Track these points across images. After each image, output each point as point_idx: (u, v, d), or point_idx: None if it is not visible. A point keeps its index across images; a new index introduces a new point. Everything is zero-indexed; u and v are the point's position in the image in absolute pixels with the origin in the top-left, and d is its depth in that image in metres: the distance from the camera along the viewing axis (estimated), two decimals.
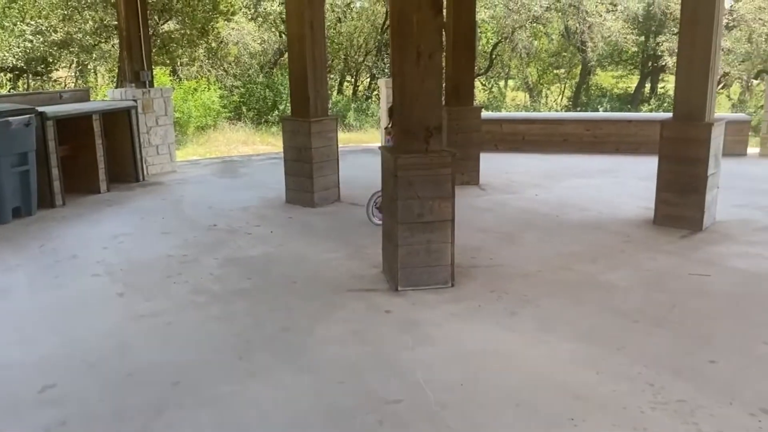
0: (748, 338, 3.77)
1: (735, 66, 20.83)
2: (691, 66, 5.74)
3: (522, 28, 21.00)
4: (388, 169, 4.62)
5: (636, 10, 20.65)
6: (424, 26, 4.31)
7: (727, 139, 9.52)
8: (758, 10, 20.13)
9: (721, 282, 4.69)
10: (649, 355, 3.58)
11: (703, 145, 5.74)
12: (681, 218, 5.92)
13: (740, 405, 3.04)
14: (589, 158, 9.87)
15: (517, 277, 4.86)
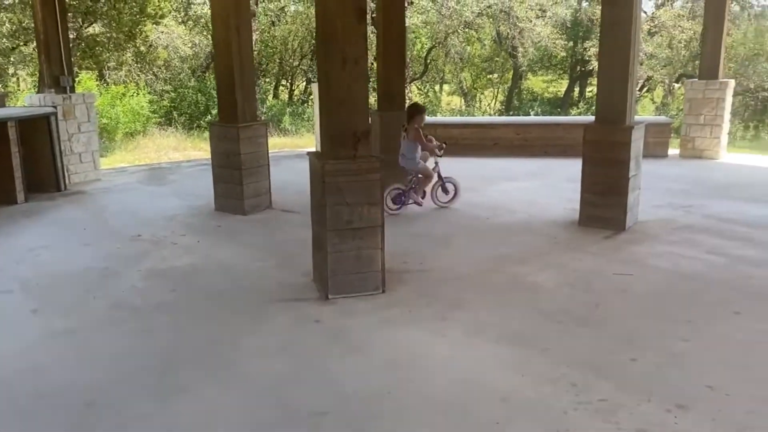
0: (667, 335, 3.89)
1: (658, 70, 21.75)
2: (612, 71, 5.92)
3: (455, 34, 21.30)
4: (316, 174, 4.56)
5: (564, 16, 21.27)
6: (349, 32, 4.28)
7: (650, 141, 9.93)
8: (677, 18, 21.10)
9: (642, 281, 4.83)
10: (572, 355, 3.64)
11: (624, 147, 5.92)
12: (605, 219, 6.09)
13: (658, 401, 3.13)
14: (519, 161, 10.07)
15: (448, 281, 4.88)
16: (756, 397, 3.16)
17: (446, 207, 7.17)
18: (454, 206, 7.18)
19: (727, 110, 9.97)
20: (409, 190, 7.02)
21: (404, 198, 6.98)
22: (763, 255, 5.35)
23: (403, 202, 6.98)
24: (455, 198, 7.24)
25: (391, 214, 6.71)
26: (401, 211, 6.95)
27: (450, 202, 7.23)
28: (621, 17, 5.82)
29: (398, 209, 6.95)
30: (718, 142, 9.96)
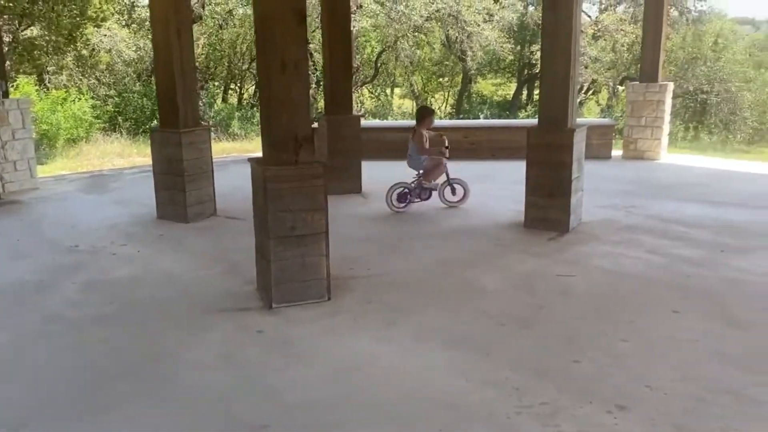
0: (609, 336, 3.94)
1: (602, 73, 22.29)
2: (553, 75, 6.00)
3: (404, 38, 21.37)
4: (257, 181, 4.47)
5: (511, 21, 21.58)
6: (288, 35, 4.21)
7: (594, 143, 10.13)
8: (620, 22, 21.66)
9: (585, 282, 4.90)
10: (516, 358, 3.65)
11: (566, 150, 6.00)
12: (549, 221, 6.17)
13: (599, 403, 3.16)
14: (467, 164, 10.08)
15: (395, 286, 4.85)
16: (694, 396, 3.22)
17: (455, 206, 7.27)
18: (397, 212, 7.17)
19: (666, 112, 10.26)
20: (413, 189, 7.16)
21: (410, 196, 7.15)
22: (700, 254, 5.49)
23: (408, 200, 7.16)
24: (464, 199, 7.33)
25: (397, 211, 7.09)
26: (407, 209, 7.15)
27: (459, 203, 7.32)
28: (561, 22, 5.90)
29: (404, 207, 7.15)
30: (658, 143, 10.24)
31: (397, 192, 7.16)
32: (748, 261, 5.28)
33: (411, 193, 7.17)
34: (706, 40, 22.97)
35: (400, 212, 7.11)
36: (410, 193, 7.17)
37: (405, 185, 7.19)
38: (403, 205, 7.16)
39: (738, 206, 7.15)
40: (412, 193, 7.17)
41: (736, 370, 3.47)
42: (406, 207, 7.17)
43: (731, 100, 21.58)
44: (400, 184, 7.19)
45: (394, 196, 7.15)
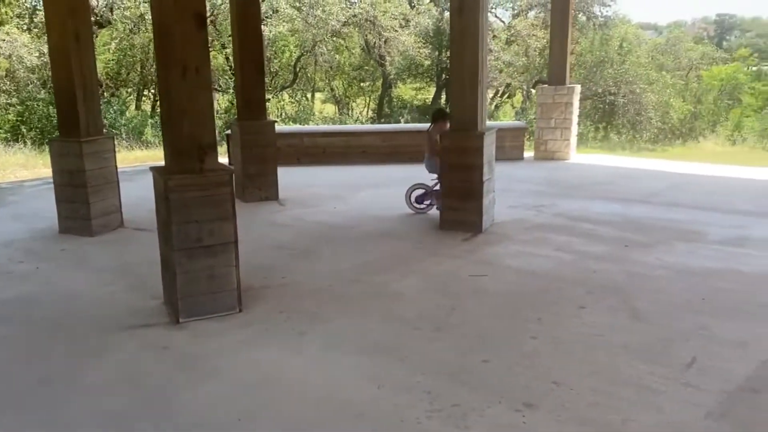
0: (519, 334, 4.00)
1: (516, 77, 22.97)
2: (462, 79, 6.09)
3: (323, 42, 21.30)
4: (160, 191, 4.29)
5: (427, 26, 21.90)
6: (188, 39, 4.06)
7: (507, 145, 10.40)
8: (531, 27, 22.40)
9: (497, 281, 4.97)
10: (428, 362, 3.65)
11: (477, 153, 6.10)
12: (463, 222, 6.25)
13: (508, 402, 3.19)
14: (386, 168, 10.18)
15: (309, 294, 4.77)
16: (598, 390, 3.30)
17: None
18: (319, 216, 7.09)
19: (575, 114, 10.64)
20: (433, 191, 7.01)
21: (430, 198, 7.07)
22: (605, 250, 5.70)
23: (429, 203, 7.10)
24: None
25: (416, 212, 7.14)
26: (428, 211, 7.10)
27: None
28: (468, 27, 6.00)
29: (423, 209, 7.13)
30: (568, 143, 10.61)
31: (416, 193, 7.14)
32: (650, 255, 5.52)
33: (430, 194, 7.05)
34: (612, 44, 24.05)
35: (421, 213, 7.10)
36: (428, 194, 7.07)
37: (425, 186, 7.10)
38: (423, 206, 7.13)
39: (642, 203, 7.49)
40: (431, 195, 7.04)
41: (637, 361, 3.59)
42: (425, 209, 7.13)
43: (637, 101, 22.69)
44: (420, 185, 7.13)
45: (414, 196, 7.14)
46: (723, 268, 5.14)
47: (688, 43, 34.59)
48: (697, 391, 3.26)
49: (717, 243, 5.86)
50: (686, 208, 7.11)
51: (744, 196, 7.83)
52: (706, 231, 6.26)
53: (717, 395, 3.20)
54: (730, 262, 5.31)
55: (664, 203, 7.46)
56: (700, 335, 3.91)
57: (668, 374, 3.43)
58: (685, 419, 3.02)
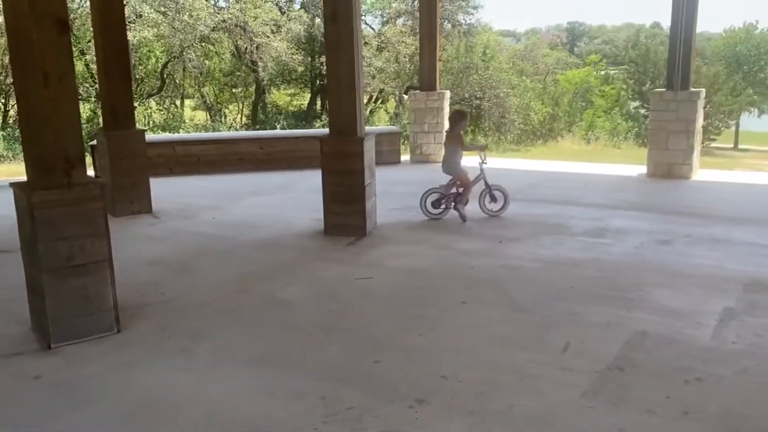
0: (406, 333, 4.11)
1: (388, 83, 23.49)
2: (339, 86, 6.16)
3: (191, 48, 20.63)
4: (23, 209, 3.97)
5: (299, 32, 21.86)
6: (49, 45, 3.80)
7: (384, 149, 10.61)
8: (401, 34, 23.01)
9: (383, 282, 5.08)
10: (320, 367, 3.66)
11: (357, 158, 6.20)
12: (347, 226, 6.32)
13: (400, 399, 3.27)
14: (264, 176, 10.05)
15: (192, 308, 4.61)
16: (483, 380, 3.47)
17: (496, 216, 7.01)
18: (197, 228, 6.87)
19: (446, 118, 11.06)
20: (449, 196, 6.92)
21: (446, 203, 6.94)
22: (479, 245, 5.99)
23: (445, 207, 6.95)
24: (505, 207, 7.05)
25: (433, 218, 6.96)
26: (443, 216, 6.97)
27: (500, 211, 7.04)
28: (343, 34, 6.08)
29: (439, 214, 6.97)
30: (440, 146, 11.00)
31: (431, 198, 6.99)
32: (522, 249, 5.87)
33: (446, 199, 6.95)
34: (476, 51, 25.28)
35: (435, 219, 6.95)
36: (443, 199, 6.96)
37: (439, 191, 6.99)
38: (439, 211, 6.98)
39: (511, 200, 7.92)
40: (446, 199, 6.95)
41: (518, 350, 3.81)
42: (441, 213, 6.99)
43: (501, 104, 24.01)
44: (435, 190, 7.01)
45: (429, 202, 6.98)
46: (586, 258, 5.58)
47: (544, 49, 37.10)
48: (573, 373, 3.51)
49: (580, 235, 6.34)
50: (550, 204, 7.62)
51: (599, 191, 8.52)
52: (569, 224, 6.75)
53: (589, 375, 3.47)
54: (592, 251, 5.77)
55: (531, 200, 7.95)
56: (571, 321, 4.22)
57: (546, 360, 3.67)
58: (564, 400, 3.24)
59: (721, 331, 4.02)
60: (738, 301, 4.50)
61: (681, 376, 3.44)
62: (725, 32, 41.66)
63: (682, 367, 3.54)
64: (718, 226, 6.51)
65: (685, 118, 9.01)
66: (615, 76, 38.31)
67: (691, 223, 6.63)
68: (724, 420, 3.01)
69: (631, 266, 5.34)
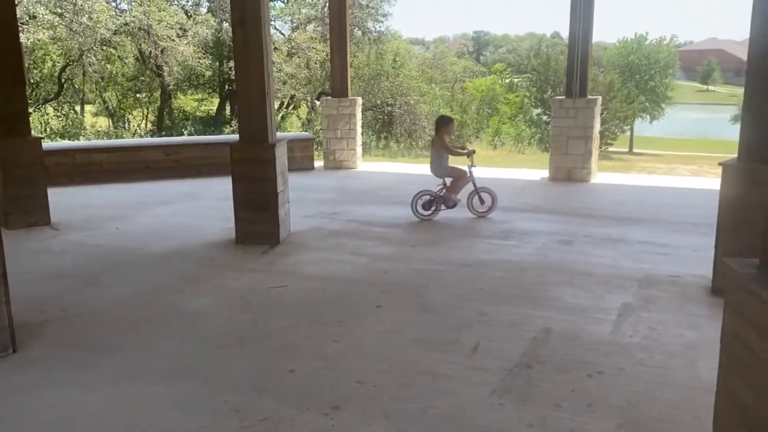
0: (321, 340, 4.11)
1: (299, 89, 23.36)
2: (249, 92, 6.08)
3: (91, 51, 19.72)
4: None
5: (206, 36, 21.37)
6: None
7: (297, 156, 10.56)
8: (311, 40, 22.95)
9: (297, 290, 5.05)
10: (233, 379, 3.59)
11: (269, 164, 6.13)
12: (260, 235, 6.24)
13: (316, 407, 3.27)
14: (172, 184, 9.75)
15: (97, 324, 4.41)
16: (397, 383, 3.52)
17: (483, 216, 7.27)
18: (101, 239, 6.58)
19: (358, 124, 11.16)
20: (440, 197, 7.18)
21: (435, 204, 7.20)
22: (394, 250, 6.07)
23: (435, 209, 7.21)
24: (492, 208, 7.30)
25: (423, 219, 7.20)
26: (434, 217, 7.22)
27: (488, 212, 7.29)
28: (252, 39, 6.00)
29: (430, 215, 7.22)
30: (354, 153, 11.08)
31: (422, 200, 7.23)
32: (434, 253, 5.99)
33: (436, 200, 7.17)
34: (386, 58, 25.61)
35: (426, 220, 7.19)
36: (436, 201, 7.18)
37: (430, 193, 7.23)
38: (429, 213, 7.21)
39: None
40: (437, 201, 7.17)
41: (431, 352, 3.89)
42: (432, 215, 7.21)
43: (411, 111, 24.43)
44: (426, 192, 7.23)
45: (420, 203, 7.21)
46: (494, 259, 5.77)
47: (451, 57, 38.09)
48: (483, 372, 3.62)
49: (488, 237, 6.55)
50: (460, 208, 7.83)
51: (505, 195, 8.79)
52: (478, 227, 6.96)
53: (498, 374, 3.60)
54: (499, 253, 5.97)
55: None
56: (480, 321, 4.35)
57: (457, 360, 3.77)
58: (475, 399, 3.34)
59: (619, 326, 4.26)
60: (634, 296, 4.80)
61: (584, 370, 3.63)
62: (619, 42, 44.33)
63: (585, 361, 3.74)
64: (615, 226, 6.91)
65: (583, 125, 9.50)
66: (519, 84, 39.90)
67: (590, 224, 7.00)
68: (624, 411, 3.20)
69: (535, 266, 5.58)
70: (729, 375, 2.35)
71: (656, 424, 3.07)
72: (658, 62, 40.98)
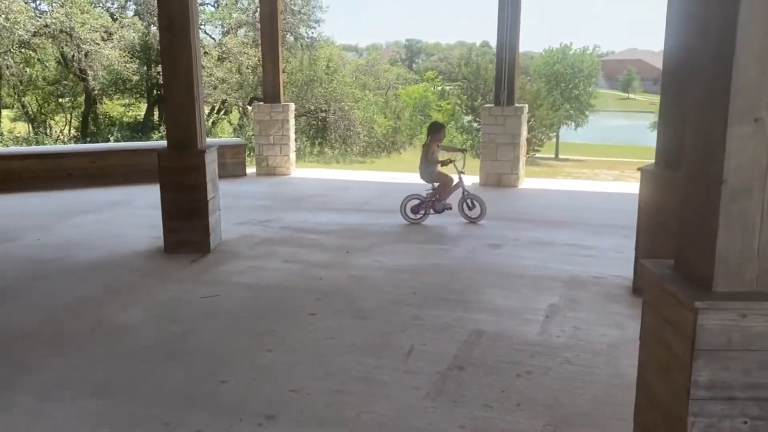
0: (254, 349, 4.05)
1: (231, 94, 23.00)
2: (177, 97, 5.94)
3: (8, 54, 18.81)
4: None
5: (133, 40, 20.75)
6: None
7: (228, 162, 10.40)
8: (242, 45, 22.65)
9: (229, 300, 4.96)
10: (163, 393, 3.50)
11: (198, 171, 6.01)
12: (190, 243, 6.09)
13: (249, 418, 3.22)
14: (97, 192, 9.40)
15: (15, 340, 4.21)
16: (332, 390, 3.51)
17: (474, 222, 7.29)
18: (20, 251, 6.27)
19: (291, 130, 11.07)
20: (428, 201, 7.25)
21: (424, 209, 7.26)
22: (329, 257, 6.06)
23: (423, 213, 7.27)
24: (482, 215, 7.28)
25: (412, 222, 7.28)
26: (422, 221, 7.28)
27: (478, 218, 7.29)
28: (180, 44, 5.88)
29: (419, 219, 7.28)
30: (287, 159, 10.99)
31: (411, 204, 7.29)
32: (368, 258, 6.01)
33: (425, 204, 7.23)
34: (320, 64, 25.55)
35: (415, 223, 7.26)
36: (424, 205, 7.24)
37: (419, 197, 7.29)
38: (417, 216, 7.28)
39: (356, 211, 8.12)
40: (426, 205, 7.23)
41: (365, 357, 3.90)
42: (421, 219, 7.27)
43: (346, 117, 24.47)
44: (415, 196, 7.31)
45: (408, 207, 7.28)
46: (426, 264, 5.85)
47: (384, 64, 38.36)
48: (416, 375, 3.66)
49: (422, 242, 6.63)
50: (393, 213, 7.87)
51: None
52: (412, 232, 7.03)
53: (432, 377, 3.64)
54: (431, 258, 6.05)
55: (376, 210, 8.19)
56: (413, 325, 4.40)
57: (391, 365, 3.79)
58: (409, 403, 3.37)
59: (547, 326, 4.40)
60: (561, 297, 4.96)
61: (514, 370, 3.72)
62: (545, 52, 45.82)
63: (514, 361, 3.83)
64: (542, 229, 7.13)
65: (511, 132, 9.76)
66: (450, 92, 40.59)
67: (519, 228, 7.19)
68: (551, 409, 3.30)
69: (467, 269, 5.68)
70: (647, 372, 2.46)
71: (581, 421, 3.19)
72: (581, 71, 42.61)
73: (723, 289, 2.08)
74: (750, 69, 1.99)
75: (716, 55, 2.09)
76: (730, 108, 2.00)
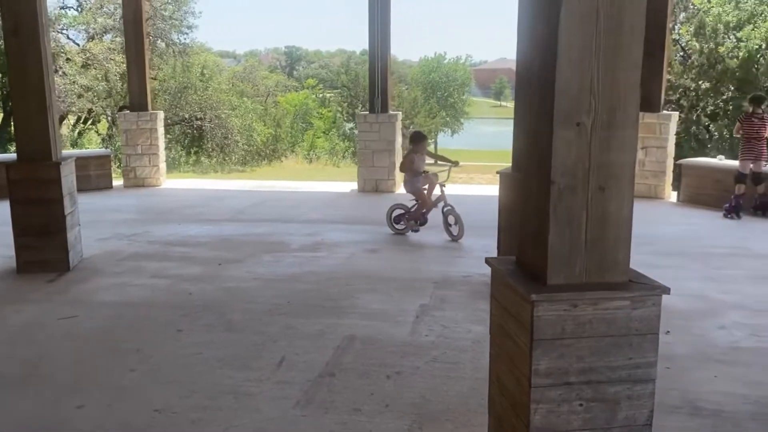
0: (116, 370, 3.85)
1: (97, 103, 21.75)
2: (27, 106, 5.56)
3: None
4: None
5: None
6: None
7: (92, 174, 9.86)
8: (109, 51, 21.50)
9: (90, 320, 4.69)
10: (13, 422, 3.25)
11: (54, 185, 5.64)
12: (46, 262, 5.69)
13: None
14: None
15: None
16: (199, 407, 3.40)
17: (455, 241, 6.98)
18: None
19: (161, 139, 10.66)
20: (410, 212, 7.18)
21: (404, 220, 7.21)
22: (200, 270, 5.88)
23: (405, 225, 7.21)
24: (461, 233, 6.96)
25: (397, 233, 7.24)
26: (406, 232, 7.22)
27: (457, 237, 6.98)
28: (29, 49, 5.51)
29: (402, 230, 7.24)
30: (157, 169, 10.56)
31: (394, 214, 7.27)
32: (241, 270, 5.90)
33: (407, 216, 7.17)
34: (194, 71, 24.77)
35: (400, 234, 7.22)
36: (406, 217, 7.17)
37: (403, 207, 7.24)
38: (401, 227, 7.22)
39: (231, 221, 7.96)
40: (407, 217, 7.16)
41: (234, 371, 3.82)
42: (404, 230, 7.22)
43: (223, 125, 23.85)
44: (399, 206, 7.27)
45: (393, 216, 7.28)
46: (302, 272, 5.83)
47: (263, 71, 37.88)
48: (287, 385, 3.64)
49: (297, 250, 6.60)
50: (270, 222, 7.82)
51: (316, 207, 8.98)
52: (287, 241, 6.99)
53: (302, 385, 3.63)
54: (308, 266, 6.05)
55: (251, 220, 8.06)
56: (286, 335, 4.37)
57: (262, 376, 3.74)
58: (279, 414, 3.34)
59: (417, 326, 4.52)
60: (431, 297, 5.12)
61: (384, 372, 3.79)
62: (421, 61, 47.19)
63: (385, 363, 3.91)
64: (421, 232, 7.32)
65: (386, 138, 9.97)
66: (331, 99, 40.76)
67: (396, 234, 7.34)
68: (417, 407, 3.39)
69: (343, 276, 5.73)
70: (496, 363, 2.60)
71: (446, 416, 3.30)
72: (456, 80, 44.28)
73: (556, 281, 2.24)
74: (571, 75, 2.16)
75: (542, 62, 2.26)
76: (554, 113, 2.17)
